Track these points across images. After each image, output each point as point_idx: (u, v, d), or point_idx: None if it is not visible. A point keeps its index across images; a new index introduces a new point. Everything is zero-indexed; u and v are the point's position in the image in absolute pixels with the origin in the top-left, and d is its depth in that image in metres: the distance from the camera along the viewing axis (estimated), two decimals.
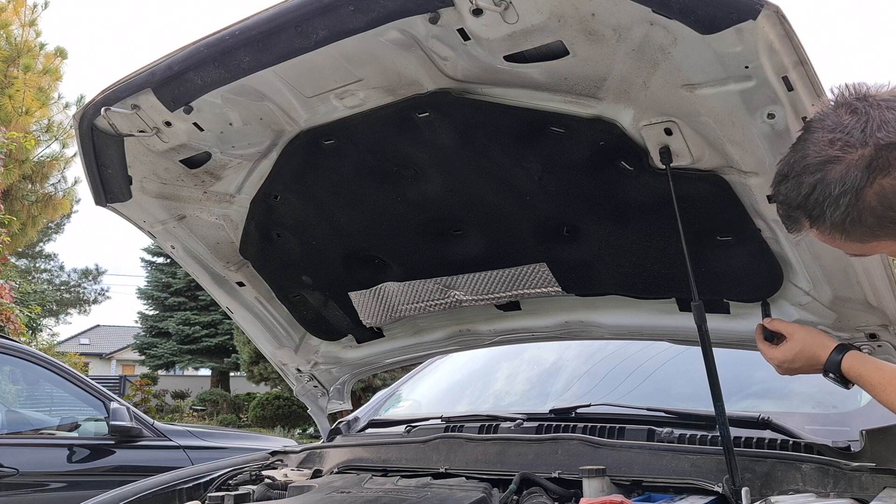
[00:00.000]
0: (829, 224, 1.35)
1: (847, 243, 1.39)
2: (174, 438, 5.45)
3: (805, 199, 1.35)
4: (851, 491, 1.77)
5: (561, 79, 1.67)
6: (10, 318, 9.86)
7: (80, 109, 2.06)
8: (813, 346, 1.75)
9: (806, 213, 1.37)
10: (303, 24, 1.66)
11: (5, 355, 5.37)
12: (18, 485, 4.79)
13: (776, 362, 1.80)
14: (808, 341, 1.76)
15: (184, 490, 2.62)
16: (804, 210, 1.37)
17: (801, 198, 1.35)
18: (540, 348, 3.15)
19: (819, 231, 1.39)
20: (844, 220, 1.33)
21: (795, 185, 1.36)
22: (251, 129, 2.03)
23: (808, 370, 1.77)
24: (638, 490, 1.96)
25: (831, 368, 1.71)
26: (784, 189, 1.40)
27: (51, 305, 30.18)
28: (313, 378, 2.89)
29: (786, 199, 1.40)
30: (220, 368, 26.70)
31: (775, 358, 1.80)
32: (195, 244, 2.43)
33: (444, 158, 1.97)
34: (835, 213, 1.32)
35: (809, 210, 1.35)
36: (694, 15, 1.42)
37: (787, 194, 1.39)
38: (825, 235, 1.39)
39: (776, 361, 1.80)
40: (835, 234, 1.37)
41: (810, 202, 1.34)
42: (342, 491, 2.22)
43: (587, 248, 2.09)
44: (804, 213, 1.38)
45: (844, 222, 1.33)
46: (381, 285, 2.46)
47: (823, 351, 1.73)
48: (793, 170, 1.37)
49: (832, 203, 1.31)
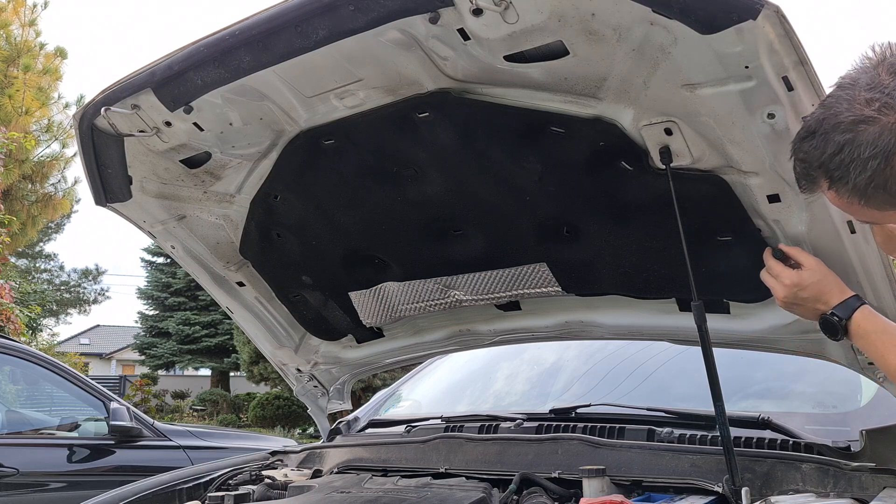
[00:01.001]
0: (851, 187, 1.29)
1: (863, 209, 1.33)
2: (174, 438, 5.45)
3: (830, 159, 1.28)
4: (851, 491, 1.77)
5: (561, 79, 1.67)
6: (10, 318, 9.86)
7: (80, 109, 2.06)
8: (830, 285, 1.66)
9: (827, 173, 1.30)
10: (303, 23, 1.66)
11: (5, 355, 5.37)
12: (18, 485, 4.79)
13: (786, 282, 1.69)
14: (828, 278, 1.66)
15: (184, 490, 2.63)
16: (826, 170, 1.30)
17: (827, 157, 1.29)
18: (540, 348, 3.15)
19: (836, 193, 1.33)
20: (868, 185, 1.27)
21: (822, 142, 1.29)
22: (251, 129, 2.03)
23: (809, 307, 1.68)
24: (638, 490, 1.96)
25: (843, 312, 1.62)
26: (808, 146, 1.32)
27: (51, 305, 30.19)
28: (313, 378, 2.89)
29: (808, 156, 1.33)
30: (220, 368, 26.71)
31: (787, 278, 1.69)
32: (195, 244, 2.43)
33: (444, 158, 1.97)
34: (860, 177, 1.26)
35: (832, 170, 1.29)
36: (694, 15, 1.42)
37: (811, 152, 1.32)
38: (842, 198, 1.33)
39: (786, 281, 1.69)
40: (853, 198, 1.31)
41: (835, 162, 1.28)
42: (342, 491, 2.22)
43: (587, 248, 2.09)
44: (825, 173, 1.31)
45: (868, 187, 1.27)
46: (381, 285, 2.46)
47: (840, 293, 1.65)
48: (821, 126, 1.30)
49: (859, 165, 1.25)
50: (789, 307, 1.72)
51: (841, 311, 1.63)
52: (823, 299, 1.66)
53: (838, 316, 1.63)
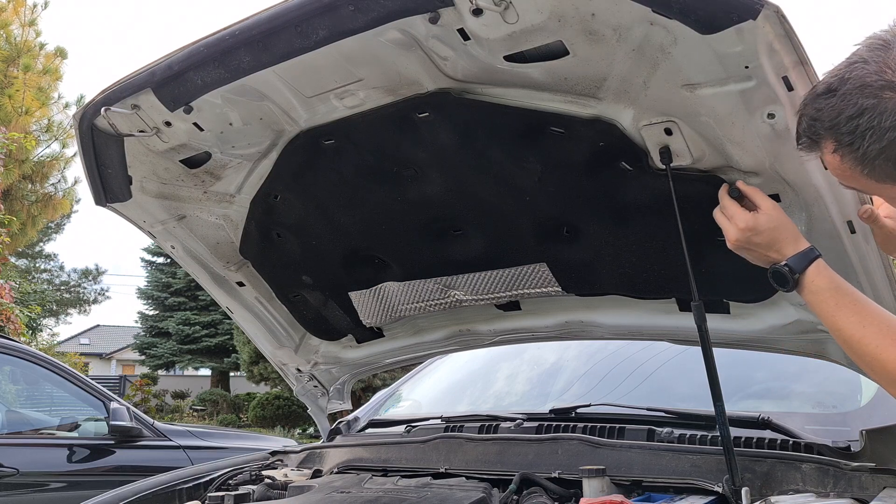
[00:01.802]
0: (861, 155, 1.21)
1: (861, 178, 1.26)
2: (174, 438, 5.45)
3: (847, 121, 1.20)
4: (851, 491, 1.77)
5: (561, 79, 1.67)
6: (10, 318, 9.86)
7: (80, 109, 2.06)
8: (786, 233, 1.54)
9: (837, 135, 1.23)
10: (303, 24, 1.66)
11: (5, 355, 5.38)
12: (18, 485, 4.79)
13: (740, 224, 1.57)
14: (785, 225, 1.55)
15: (184, 490, 2.62)
16: (836, 131, 1.22)
17: (843, 118, 1.21)
18: (540, 348, 3.15)
19: (841, 158, 1.25)
20: (879, 155, 1.20)
21: (841, 102, 1.21)
22: (251, 129, 2.03)
23: (761, 252, 1.57)
24: (638, 490, 1.96)
25: (796, 264, 1.51)
26: (824, 103, 1.24)
27: (51, 305, 30.19)
28: (313, 378, 2.89)
29: (820, 114, 1.25)
30: (220, 368, 26.72)
31: (742, 221, 1.57)
32: (195, 244, 2.43)
33: (444, 158, 1.97)
34: (872, 146, 1.19)
35: (845, 134, 1.21)
36: (694, 15, 1.42)
37: (826, 110, 1.23)
38: (843, 164, 1.26)
39: (740, 224, 1.57)
40: (857, 166, 1.24)
41: (851, 126, 1.20)
42: (342, 491, 2.22)
43: (587, 248, 2.09)
44: (834, 135, 1.23)
45: (878, 157, 1.20)
46: (381, 285, 2.46)
47: (796, 243, 1.53)
48: (844, 86, 1.21)
49: (876, 134, 1.18)
50: (740, 251, 1.61)
51: (794, 263, 1.52)
52: (777, 247, 1.55)
53: (791, 267, 1.52)
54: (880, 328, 1.43)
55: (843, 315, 1.46)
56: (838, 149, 1.25)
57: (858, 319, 1.45)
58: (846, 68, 1.24)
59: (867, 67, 1.20)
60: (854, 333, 1.44)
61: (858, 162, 1.24)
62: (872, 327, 1.43)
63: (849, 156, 1.24)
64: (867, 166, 1.23)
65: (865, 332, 1.43)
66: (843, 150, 1.24)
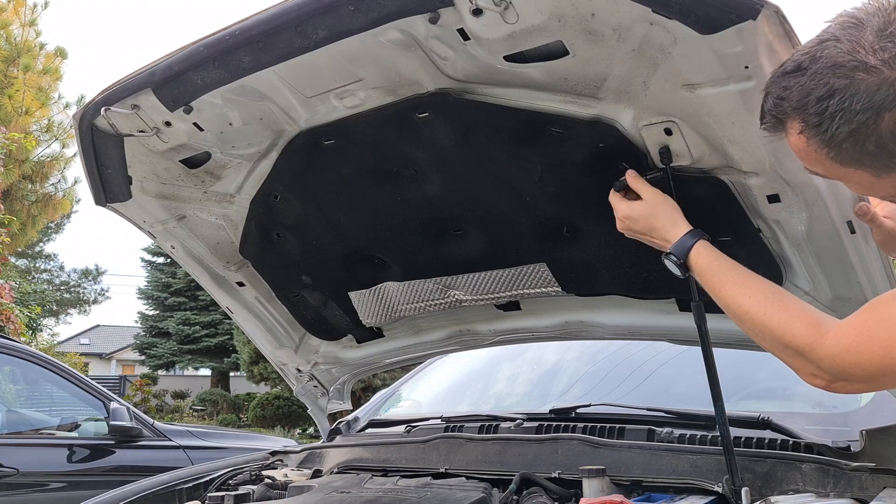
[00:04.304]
0: (828, 137, 1.17)
1: (826, 161, 1.23)
2: (174, 438, 5.45)
3: (815, 102, 1.16)
4: (851, 491, 1.77)
5: (561, 79, 1.67)
6: (10, 318, 9.86)
7: (80, 109, 2.05)
8: (664, 219, 1.63)
9: (804, 116, 1.19)
10: (303, 24, 1.66)
11: (5, 355, 5.38)
12: (18, 485, 4.79)
13: (618, 214, 1.71)
14: (663, 211, 1.63)
15: (184, 490, 2.63)
16: (804, 112, 1.18)
17: (812, 99, 1.16)
18: (540, 349, 3.15)
19: (806, 140, 1.22)
20: (847, 138, 1.16)
21: (811, 81, 1.16)
22: (251, 129, 2.03)
23: (647, 239, 1.67)
24: (638, 490, 1.96)
25: (678, 252, 1.59)
26: (793, 82, 1.19)
27: (51, 305, 30.21)
28: (313, 378, 2.89)
29: (787, 93, 1.20)
30: (220, 368, 26.72)
31: (620, 210, 1.71)
32: (195, 244, 2.43)
33: (443, 158, 1.97)
34: (841, 128, 1.15)
35: (812, 115, 1.17)
36: (694, 15, 1.42)
37: (794, 89, 1.19)
38: (809, 146, 1.22)
39: (618, 214, 1.71)
40: (823, 148, 1.20)
41: (820, 107, 1.15)
42: (342, 491, 2.22)
43: (587, 248, 2.09)
44: (801, 115, 1.19)
45: (845, 141, 1.16)
46: (381, 285, 2.46)
47: (674, 229, 1.61)
48: (814, 64, 1.16)
49: (846, 116, 1.13)
50: (632, 236, 1.71)
51: (676, 251, 1.59)
52: (657, 234, 1.64)
53: (675, 256, 1.60)
54: (766, 296, 1.45)
55: (728, 290, 1.50)
56: (805, 130, 1.21)
57: (743, 291, 1.48)
58: (817, 46, 1.18)
59: (840, 46, 1.15)
60: (741, 305, 1.47)
61: (825, 144, 1.20)
62: (758, 296, 1.45)
63: (815, 138, 1.20)
64: (833, 149, 1.19)
65: (752, 303, 1.45)
66: (810, 132, 1.20)
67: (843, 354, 1.31)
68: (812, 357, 1.36)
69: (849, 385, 1.35)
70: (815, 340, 1.35)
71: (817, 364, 1.35)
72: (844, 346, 1.31)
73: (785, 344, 1.40)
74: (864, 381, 1.34)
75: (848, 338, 1.31)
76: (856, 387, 1.37)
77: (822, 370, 1.35)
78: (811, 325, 1.38)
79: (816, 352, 1.35)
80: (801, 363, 1.39)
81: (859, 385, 1.36)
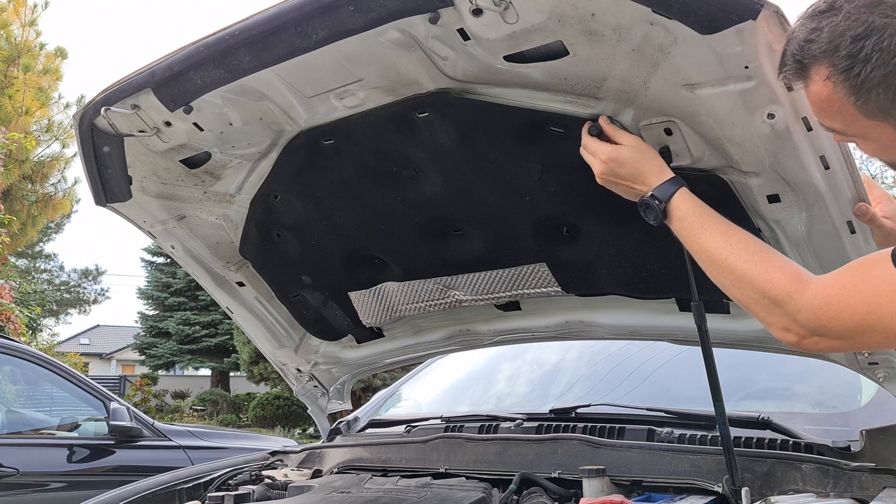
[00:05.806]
0: (859, 82, 1.09)
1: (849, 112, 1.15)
2: (174, 438, 5.45)
3: (849, 43, 1.08)
4: (851, 491, 1.77)
5: (561, 79, 1.67)
6: (10, 318, 9.86)
7: (80, 109, 2.06)
8: (652, 163, 1.56)
9: (833, 59, 1.10)
10: (303, 24, 1.66)
11: (5, 355, 5.38)
12: (18, 485, 4.79)
13: (602, 157, 1.60)
14: (651, 155, 1.58)
15: (184, 490, 2.63)
16: (834, 55, 1.10)
17: (846, 39, 1.08)
18: (540, 349, 3.15)
19: (833, 87, 1.13)
20: (879, 83, 1.08)
21: (846, 20, 1.08)
22: (251, 129, 2.03)
23: (627, 184, 1.59)
24: (638, 490, 1.96)
25: (661, 194, 1.53)
26: (824, 23, 1.11)
27: (51, 305, 30.21)
28: (313, 378, 2.90)
29: (816, 36, 1.12)
30: (220, 368, 26.72)
31: (604, 153, 1.59)
32: (195, 244, 2.43)
33: (443, 158, 1.97)
34: (875, 72, 1.07)
35: (842, 56, 1.09)
36: (694, 15, 1.42)
37: (825, 30, 1.11)
38: (833, 93, 1.14)
39: (602, 157, 1.60)
40: (850, 96, 1.12)
41: (854, 48, 1.07)
42: (342, 491, 2.22)
43: (587, 248, 2.09)
44: (829, 59, 1.11)
45: (877, 87, 1.08)
46: (381, 285, 2.46)
47: (658, 174, 1.55)
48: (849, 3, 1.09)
49: (883, 57, 1.05)
50: (609, 185, 1.63)
51: (660, 192, 1.54)
52: (642, 178, 1.57)
53: (658, 198, 1.54)
54: (747, 245, 1.42)
55: (709, 236, 1.46)
56: (832, 75, 1.12)
57: (724, 239, 1.44)
58: None
59: None
60: (720, 252, 1.43)
61: (853, 91, 1.12)
62: (739, 245, 1.42)
63: (843, 84, 1.12)
64: (862, 97, 1.11)
65: (733, 250, 1.42)
66: (838, 77, 1.12)
67: (823, 307, 1.26)
68: (789, 308, 1.30)
69: (822, 341, 1.30)
70: (796, 290, 1.30)
71: (793, 317, 1.30)
72: (826, 299, 1.26)
73: (763, 293, 1.34)
74: (840, 338, 1.28)
75: (832, 290, 1.26)
76: (828, 343, 1.31)
77: (798, 323, 1.30)
78: (793, 276, 1.33)
79: (795, 302, 1.29)
80: (775, 316, 1.33)
81: (833, 342, 1.31)
